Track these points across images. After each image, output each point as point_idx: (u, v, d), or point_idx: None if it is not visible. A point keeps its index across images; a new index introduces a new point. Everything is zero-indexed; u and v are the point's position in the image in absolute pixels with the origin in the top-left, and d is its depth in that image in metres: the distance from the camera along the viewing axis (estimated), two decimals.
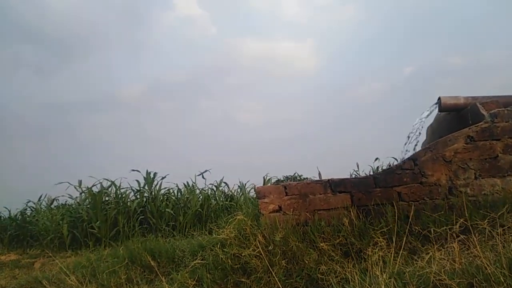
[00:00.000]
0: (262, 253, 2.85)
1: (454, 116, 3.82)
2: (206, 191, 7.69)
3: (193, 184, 7.55)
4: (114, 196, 6.56)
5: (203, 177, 7.92)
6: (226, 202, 7.64)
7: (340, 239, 2.98)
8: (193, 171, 7.77)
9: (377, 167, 8.57)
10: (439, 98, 3.71)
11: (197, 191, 7.48)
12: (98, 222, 5.84)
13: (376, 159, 8.80)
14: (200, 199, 7.16)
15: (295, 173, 9.94)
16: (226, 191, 8.50)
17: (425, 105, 4.05)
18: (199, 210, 6.69)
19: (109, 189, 6.68)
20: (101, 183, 6.61)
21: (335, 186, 3.28)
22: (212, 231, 3.64)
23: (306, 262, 2.84)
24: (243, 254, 2.92)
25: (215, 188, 8.10)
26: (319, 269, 2.72)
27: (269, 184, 8.41)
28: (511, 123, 3.10)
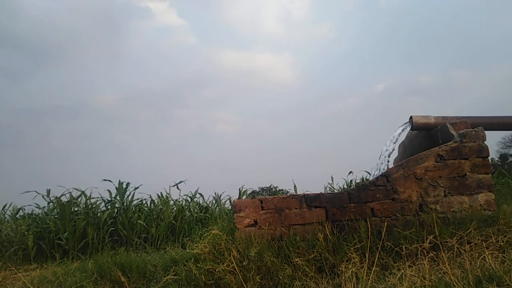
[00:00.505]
0: (237, 269, 2.82)
1: (425, 135, 3.96)
2: (181, 202, 7.55)
3: (167, 195, 7.41)
4: (84, 206, 6.32)
5: (177, 188, 7.78)
6: (201, 214, 7.52)
7: (315, 254, 2.99)
8: (168, 182, 7.64)
9: (351, 181, 8.70)
10: (411, 117, 3.84)
11: (171, 202, 7.33)
12: (66, 233, 5.60)
13: (350, 172, 8.94)
14: (174, 211, 7.02)
15: (271, 185, 9.95)
16: (201, 202, 8.38)
17: (396, 121, 4.19)
18: (173, 222, 6.55)
19: (79, 199, 6.44)
20: (70, 192, 6.36)
21: (310, 201, 3.31)
22: (185, 245, 3.57)
23: (281, 277, 2.83)
24: (217, 270, 2.87)
25: (189, 199, 7.97)
26: (294, 284, 2.72)
27: (245, 197, 8.38)
28: (478, 143, 3.24)
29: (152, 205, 7.08)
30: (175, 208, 7.20)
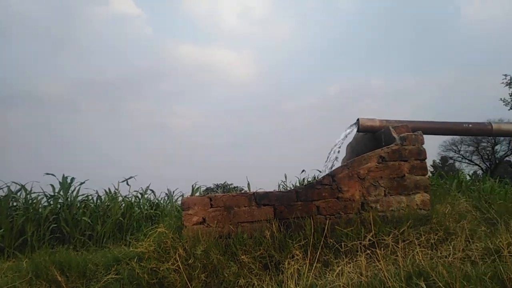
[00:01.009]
0: (181, 267, 2.79)
1: (371, 137, 4.15)
2: (130, 198, 7.31)
3: (116, 190, 7.14)
4: (24, 201, 5.92)
5: (127, 183, 7.52)
6: (151, 211, 7.33)
7: (261, 251, 3.03)
8: (118, 177, 7.36)
9: (303, 179, 8.91)
10: (357, 119, 4.00)
11: (120, 199, 7.08)
12: (2, 230, 5.22)
13: (303, 171, 9.15)
14: (122, 207, 6.78)
15: (225, 182, 9.93)
16: (152, 199, 8.17)
17: (347, 123, 4.34)
18: (120, 219, 6.33)
19: (18, 193, 6.02)
20: (8, 186, 5.93)
21: (259, 199, 3.34)
22: (130, 243, 3.46)
23: (226, 275, 2.84)
24: (161, 269, 2.82)
25: (140, 196, 7.74)
26: (238, 282, 2.74)
27: (198, 193, 8.29)
28: (417, 147, 3.45)
29: (98, 201, 6.79)
30: (123, 205, 6.97)
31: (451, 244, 2.56)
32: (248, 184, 8.42)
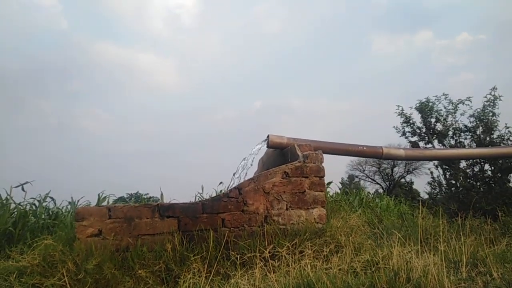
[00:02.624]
0: (69, 283, 2.56)
1: (279, 153, 4.34)
2: (24, 206, 6.55)
3: (8, 197, 6.34)
4: None
5: (23, 189, 6.75)
6: (49, 221, 6.65)
7: (161, 265, 2.93)
8: (12, 181, 6.54)
9: (221, 191, 8.91)
10: (268, 136, 4.16)
11: (12, 206, 6.30)
12: None
13: (221, 183, 9.15)
14: (14, 216, 6.04)
15: (137, 192, 9.47)
16: (51, 207, 7.42)
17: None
18: (10, 229, 5.62)
19: None
20: None
21: (163, 210, 3.25)
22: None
23: None
24: (45, 284, 2.56)
25: (37, 204, 6.98)
26: None
27: (105, 203, 7.75)
28: (317, 165, 3.71)
29: None
30: (15, 213, 6.22)
31: (338, 256, 2.77)
32: (162, 194, 8.15)
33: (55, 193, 7.54)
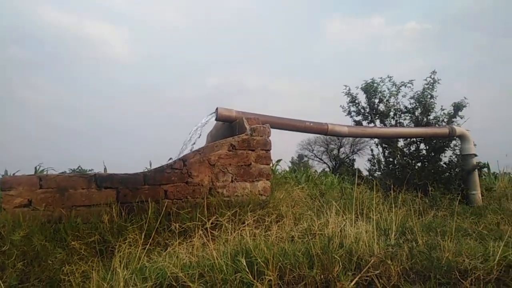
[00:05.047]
0: None
1: (228, 126, 4.30)
2: None
3: None
4: None
5: None
6: None
7: (96, 236, 2.82)
8: None
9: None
10: (216, 108, 4.09)
11: None
12: None
13: (170, 159, 8.93)
14: None
15: (79, 167, 8.95)
16: None
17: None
18: None
19: None
20: None
21: (101, 181, 3.10)
22: None
23: (50, 263, 2.54)
24: None
25: None
26: (63, 269, 2.48)
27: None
28: (264, 138, 3.72)
29: None
30: None
31: (278, 225, 2.83)
32: (105, 169, 7.81)
33: None
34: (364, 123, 6.05)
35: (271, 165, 3.76)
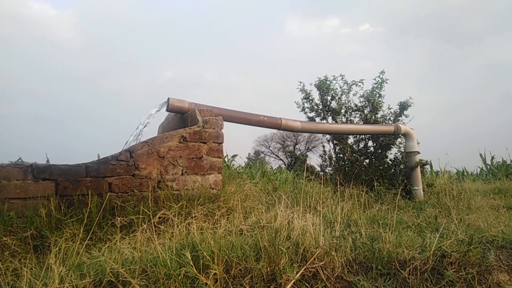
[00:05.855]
0: None
1: (180, 118, 4.18)
2: None
3: None
4: None
5: None
6: None
7: (32, 231, 2.62)
8: None
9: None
10: (168, 99, 3.96)
11: None
12: None
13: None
14: None
15: (19, 159, 8.31)
16: None
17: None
18: None
19: None
20: None
21: (38, 172, 2.88)
22: None
23: None
24: None
25: None
26: None
27: None
28: (216, 130, 3.67)
29: None
30: None
31: (227, 219, 2.80)
32: (48, 161, 7.35)
33: None
34: (317, 119, 6.19)
35: (224, 158, 3.71)
